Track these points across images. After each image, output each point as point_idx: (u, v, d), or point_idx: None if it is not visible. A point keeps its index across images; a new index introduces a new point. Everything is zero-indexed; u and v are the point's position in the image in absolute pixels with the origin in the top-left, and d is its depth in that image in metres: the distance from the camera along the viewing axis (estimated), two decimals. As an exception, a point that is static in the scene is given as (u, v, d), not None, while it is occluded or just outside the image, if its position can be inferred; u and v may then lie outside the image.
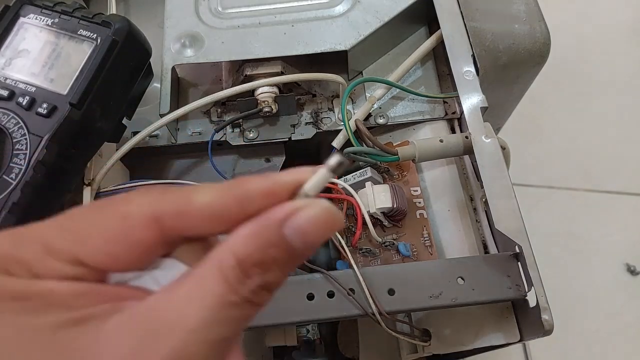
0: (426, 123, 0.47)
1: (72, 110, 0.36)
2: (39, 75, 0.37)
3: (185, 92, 0.48)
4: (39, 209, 0.35)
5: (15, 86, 0.37)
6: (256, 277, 0.17)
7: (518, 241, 0.36)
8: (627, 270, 0.92)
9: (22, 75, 0.37)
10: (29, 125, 0.36)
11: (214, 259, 0.18)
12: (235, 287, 0.17)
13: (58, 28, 0.38)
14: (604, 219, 0.97)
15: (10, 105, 0.36)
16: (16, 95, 0.36)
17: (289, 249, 0.17)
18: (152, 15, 0.51)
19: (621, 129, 1.05)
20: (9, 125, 0.36)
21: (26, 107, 0.36)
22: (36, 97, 0.36)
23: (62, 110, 0.36)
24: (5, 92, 0.36)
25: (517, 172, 0.99)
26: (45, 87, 0.37)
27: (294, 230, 0.17)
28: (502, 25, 0.47)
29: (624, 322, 0.88)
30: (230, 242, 0.18)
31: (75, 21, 0.38)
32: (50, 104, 0.36)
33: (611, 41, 1.13)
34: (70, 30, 0.38)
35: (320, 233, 0.18)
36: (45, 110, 0.36)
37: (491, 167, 0.39)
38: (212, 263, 0.17)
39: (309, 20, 0.47)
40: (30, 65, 0.37)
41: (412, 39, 0.50)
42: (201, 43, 0.46)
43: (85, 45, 0.38)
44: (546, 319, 0.33)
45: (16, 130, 0.36)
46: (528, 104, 0.66)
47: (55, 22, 0.38)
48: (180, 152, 0.48)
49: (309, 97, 0.48)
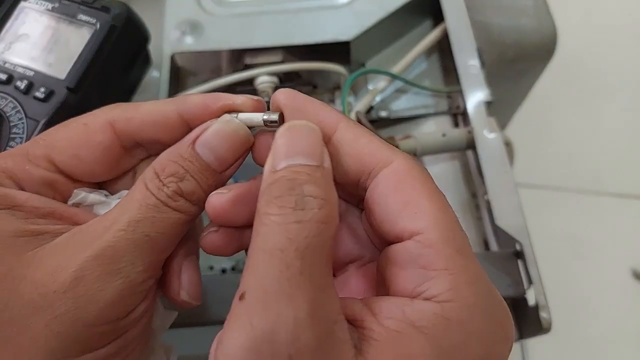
0: (429, 117, 0.46)
1: (69, 95, 0.36)
2: (38, 60, 0.37)
3: (185, 81, 0.48)
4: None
5: (14, 70, 0.37)
6: (172, 184, 0.21)
7: (519, 239, 0.35)
8: (632, 276, 0.91)
9: (21, 59, 0.37)
10: (26, 109, 0.36)
11: (141, 176, 0.22)
12: (154, 192, 0.21)
13: (58, 13, 0.38)
14: (612, 222, 0.96)
15: (8, 89, 0.36)
16: (14, 79, 0.36)
17: (199, 161, 0.22)
18: (154, 2, 0.51)
19: (632, 132, 1.03)
20: (7, 109, 0.36)
21: (24, 91, 0.36)
22: (34, 81, 0.36)
23: (59, 94, 0.36)
24: (4, 76, 0.36)
25: (524, 172, 0.98)
26: (44, 72, 0.36)
27: (202, 143, 0.22)
28: (509, 20, 0.46)
29: (628, 327, 0.87)
30: (154, 160, 0.22)
31: (76, 6, 0.38)
32: (48, 88, 0.36)
33: (623, 43, 1.12)
34: (70, 15, 0.38)
35: (225, 145, 0.22)
36: (42, 95, 0.35)
37: (494, 163, 0.38)
38: (139, 180, 0.22)
39: (311, 9, 0.46)
40: (29, 49, 0.37)
41: (417, 31, 0.49)
42: (201, 31, 0.45)
43: (85, 30, 0.37)
44: (544, 316, 0.32)
45: (14, 114, 0.36)
46: (538, 105, 0.66)
47: (56, 6, 0.38)
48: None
49: (310, 89, 0.47)
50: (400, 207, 0.20)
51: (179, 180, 0.21)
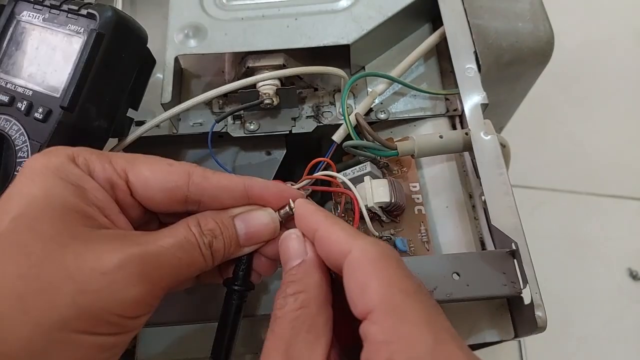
0: (427, 119, 0.47)
1: (65, 114, 0.34)
2: (36, 77, 0.35)
3: (188, 83, 0.49)
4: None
5: (15, 90, 0.35)
6: (208, 236, 0.27)
7: (514, 238, 0.36)
8: (629, 276, 0.92)
9: (21, 78, 0.36)
10: (28, 131, 0.34)
11: (187, 219, 0.28)
12: (195, 234, 0.27)
13: (49, 24, 0.36)
14: (608, 223, 0.97)
15: (11, 111, 0.35)
16: (16, 100, 0.35)
17: (232, 232, 0.28)
18: (157, 5, 0.52)
19: (627, 133, 1.04)
20: (12, 132, 0.34)
21: (25, 112, 0.34)
22: (34, 101, 0.35)
23: (56, 114, 0.34)
24: (5, 98, 0.35)
25: (521, 173, 0.99)
26: (41, 90, 0.35)
27: (241, 220, 0.29)
28: (505, 23, 0.47)
29: (625, 326, 0.88)
30: (201, 213, 0.28)
31: (64, 15, 0.36)
32: (46, 107, 0.34)
33: (619, 45, 1.13)
34: (60, 26, 0.36)
35: (259, 231, 0.29)
36: (41, 115, 0.34)
37: (489, 164, 0.39)
38: (184, 221, 0.27)
39: (312, 13, 0.47)
40: (26, 67, 0.36)
41: (416, 35, 0.50)
42: (204, 34, 0.46)
43: (74, 41, 0.35)
44: (540, 315, 0.33)
45: (18, 137, 0.34)
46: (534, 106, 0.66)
47: (46, 17, 0.36)
48: (181, 143, 0.48)
49: (310, 91, 0.48)
50: (358, 290, 0.24)
51: (213, 236, 0.27)
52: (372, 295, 0.23)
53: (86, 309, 0.22)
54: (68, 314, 0.22)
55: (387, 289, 0.24)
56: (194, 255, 0.26)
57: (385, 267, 0.25)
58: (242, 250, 0.29)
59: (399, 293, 0.24)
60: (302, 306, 0.26)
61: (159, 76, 0.46)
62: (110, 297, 0.22)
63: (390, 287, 0.24)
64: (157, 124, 0.42)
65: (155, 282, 0.24)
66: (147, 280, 0.24)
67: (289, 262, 0.28)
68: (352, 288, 0.24)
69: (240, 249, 0.29)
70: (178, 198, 0.28)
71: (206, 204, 0.29)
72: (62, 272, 0.22)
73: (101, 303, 0.22)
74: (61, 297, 0.22)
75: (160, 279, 0.24)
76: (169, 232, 0.26)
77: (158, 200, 0.28)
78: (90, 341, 0.22)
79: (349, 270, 0.25)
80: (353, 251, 0.25)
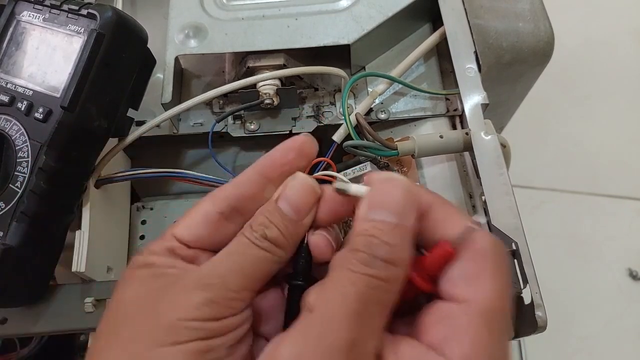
0: (428, 119, 0.47)
1: (65, 114, 0.34)
2: (36, 77, 0.35)
3: (188, 83, 0.49)
4: (50, 214, 0.35)
5: (15, 90, 0.35)
6: (260, 230, 0.26)
7: (515, 238, 0.36)
8: (629, 275, 0.92)
9: (21, 78, 0.36)
10: (29, 131, 0.34)
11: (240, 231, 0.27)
12: (245, 235, 0.26)
13: (50, 24, 0.36)
14: (608, 223, 0.97)
15: (11, 111, 0.35)
16: (16, 100, 0.35)
17: (280, 213, 0.27)
18: (157, 5, 0.52)
19: (627, 133, 1.04)
20: (12, 132, 0.34)
21: (25, 113, 0.34)
22: (34, 101, 0.34)
23: (56, 114, 0.34)
24: (6, 98, 0.35)
25: (521, 173, 0.99)
26: (41, 90, 0.35)
27: (282, 198, 0.27)
28: (506, 23, 0.47)
29: (625, 326, 0.88)
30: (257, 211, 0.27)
31: (64, 15, 0.35)
32: (46, 107, 0.34)
33: (619, 45, 1.13)
34: (60, 26, 0.36)
35: (299, 198, 0.27)
36: (41, 115, 0.34)
37: (490, 164, 0.39)
38: (239, 233, 0.27)
39: (312, 13, 0.47)
40: (27, 66, 0.36)
41: (416, 35, 0.50)
42: (205, 34, 0.46)
43: (75, 41, 0.35)
44: (540, 315, 0.33)
45: (18, 137, 0.34)
46: (534, 106, 0.66)
47: (46, 17, 0.36)
48: (181, 142, 0.48)
49: (311, 91, 0.48)
50: (469, 276, 0.23)
51: (265, 227, 0.26)
52: (480, 292, 0.23)
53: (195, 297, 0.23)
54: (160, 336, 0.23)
55: (491, 293, 0.23)
56: (252, 253, 0.26)
57: (498, 266, 0.24)
58: (304, 225, 0.27)
59: (499, 299, 0.23)
60: (388, 280, 0.23)
61: (159, 76, 0.46)
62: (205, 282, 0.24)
63: (494, 291, 0.23)
64: (157, 124, 0.42)
65: (220, 287, 0.24)
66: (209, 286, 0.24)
67: (379, 211, 0.24)
68: (462, 272, 0.24)
69: (301, 225, 0.27)
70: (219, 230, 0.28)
71: None
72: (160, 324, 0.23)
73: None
74: (165, 325, 0.23)
75: (243, 288, 0.25)
76: (224, 250, 0.26)
77: (202, 239, 0.27)
78: None
79: (471, 254, 0.24)
80: (481, 239, 0.24)
